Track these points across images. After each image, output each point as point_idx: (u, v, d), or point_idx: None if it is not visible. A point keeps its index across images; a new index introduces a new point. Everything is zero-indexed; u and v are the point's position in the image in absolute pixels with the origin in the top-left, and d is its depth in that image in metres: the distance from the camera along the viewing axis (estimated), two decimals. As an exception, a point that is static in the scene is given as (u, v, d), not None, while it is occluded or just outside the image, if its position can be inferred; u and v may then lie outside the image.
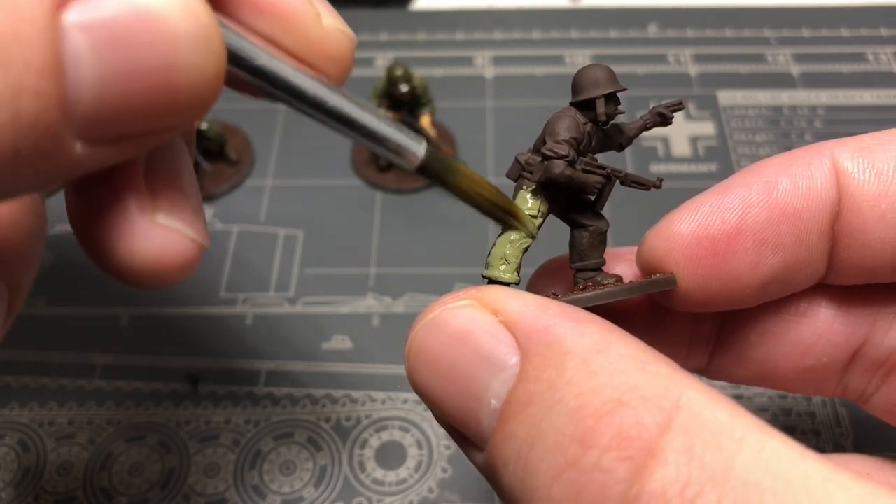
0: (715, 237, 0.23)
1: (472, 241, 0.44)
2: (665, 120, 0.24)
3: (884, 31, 0.56)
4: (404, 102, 0.45)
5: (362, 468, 0.36)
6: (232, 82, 0.18)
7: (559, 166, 0.21)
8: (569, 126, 0.22)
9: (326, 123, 0.19)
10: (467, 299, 0.19)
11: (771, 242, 0.23)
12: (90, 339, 0.41)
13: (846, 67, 0.54)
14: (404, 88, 0.44)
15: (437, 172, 0.20)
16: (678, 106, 0.24)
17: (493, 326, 0.18)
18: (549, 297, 0.20)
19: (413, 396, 0.38)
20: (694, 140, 0.50)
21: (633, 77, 0.54)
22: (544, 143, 0.22)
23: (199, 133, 0.47)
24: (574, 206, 0.23)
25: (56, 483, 0.36)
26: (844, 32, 0.56)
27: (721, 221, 0.23)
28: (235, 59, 0.17)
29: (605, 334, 0.17)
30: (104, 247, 0.18)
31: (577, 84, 0.23)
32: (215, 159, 0.48)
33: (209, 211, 0.47)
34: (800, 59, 0.54)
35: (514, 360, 0.17)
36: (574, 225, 0.23)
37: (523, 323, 0.18)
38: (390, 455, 0.37)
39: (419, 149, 0.20)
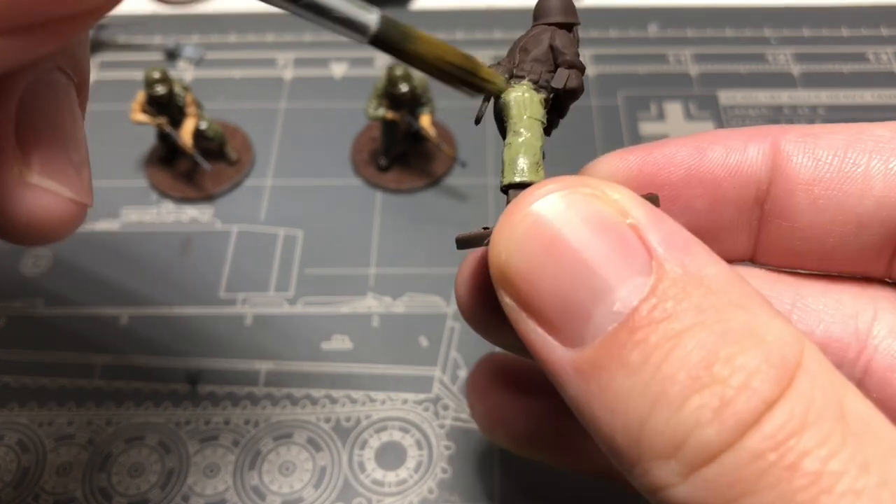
0: (628, 185, 0.23)
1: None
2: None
3: (884, 31, 0.56)
4: (404, 102, 0.45)
5: (362, 469, 0.36)
6: None
7: (581, 78, 0.21)
8: (573, 41, 0.22)
9: None
10: (591, 188, 0.18)
11: (681, 202, 0.23)
12: (90, 339, 0.41)
13: (846, 67, 0.54)
14: (404, 88, 0.44)
15: (394, 42, 0.18)
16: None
17: (625, 229, 0.18)
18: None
19: (413, 397, 0.38)
20: (694, 140, 0.50)
21: (634, 77, 0.53)
22: (546, 54, 0.22)
23: (199, 133, 0.47)
24: None
25: (55, 483, 0.36)
26: (845, 32, 0.56)
27: (639, 171, 0.23)
28: None
29: (734, 269, 0.18)
30: None
31: (550, 8, 0.22)
32: (215, 159, 0.48)
33: (209, 211, 0.46)
34: (800, 58, 0.54)
35: (646, 269, 0.17)
36: None
37: (657, 235, 0.18)
38: (390, 455, 0.37)
39: (370, 18, 0.18)
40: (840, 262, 0.24)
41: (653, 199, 0.23)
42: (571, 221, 0.18)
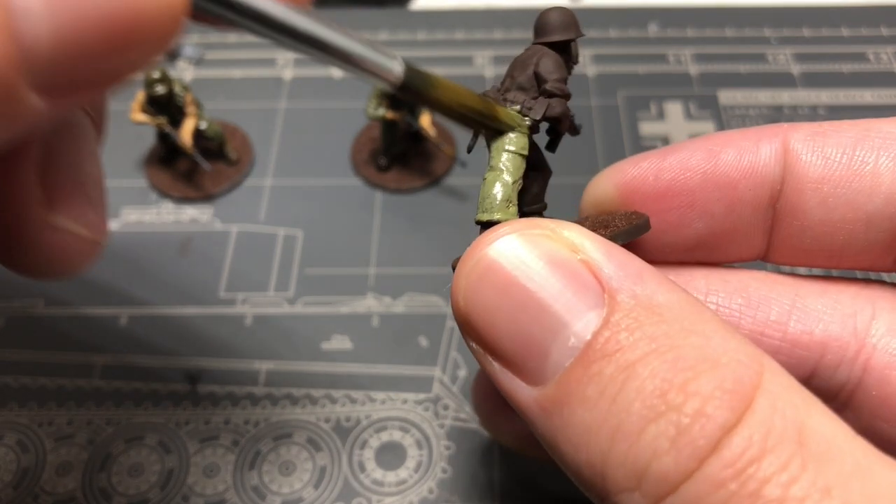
0: (645, 193, 0.23)
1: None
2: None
3: (884, 31, 0.56)
4: (404, 102, 0.45)
5: (362, 468, 0.36)
6: (193, 12, 0.16)
7: (564, 104, 0.21)
8: (559, 65, 0.22)
9: (297, 49, 0.17)
10: (542, 229, 0.18)
11: (699, 207, 0.23)
12: (89, 339, 0.41)
13: (847, 67, 0.54)
14: (404, 88, 0.44)
15: (419, 88, 0.19)
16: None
17: (576, 265, 0.18)
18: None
19: (413, 396, 0.38)
20: (694, 140, 0.50)
21: (634, 77, 0.53)
22: (530, 81, 0.21)
23: (199, 133, 0.47)
24: (536, 148, 0.23)
25: (55, 483, 0.36)
26: (845, 32, 0.56)
27: (654, 178, 0.23)
28: None
29: (688, 293, 0.18)
30: None
31: (547, 24, 0.22)
32: (215, 159, 0.48)
33: (209, 211, 0.46)
34: (800, 58, 0.54)
35: (599, 302, 0.17)
36: (531, 167, 0.23)
37: (609, 268, 0.18)
38: (390, 455, 0.37)
39: (396, 66, 0.18)
40: (849, 259, 0.24)
41: (643, 223, 0.23)
42: (524, 262, 0.18)
